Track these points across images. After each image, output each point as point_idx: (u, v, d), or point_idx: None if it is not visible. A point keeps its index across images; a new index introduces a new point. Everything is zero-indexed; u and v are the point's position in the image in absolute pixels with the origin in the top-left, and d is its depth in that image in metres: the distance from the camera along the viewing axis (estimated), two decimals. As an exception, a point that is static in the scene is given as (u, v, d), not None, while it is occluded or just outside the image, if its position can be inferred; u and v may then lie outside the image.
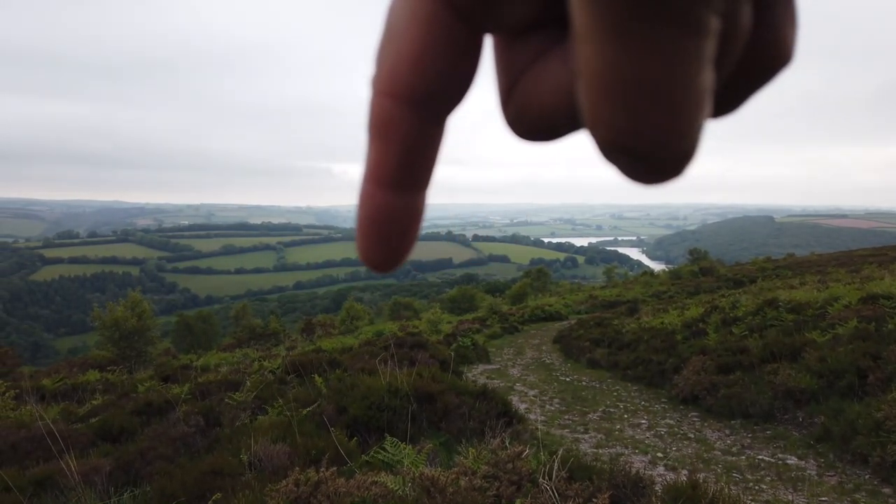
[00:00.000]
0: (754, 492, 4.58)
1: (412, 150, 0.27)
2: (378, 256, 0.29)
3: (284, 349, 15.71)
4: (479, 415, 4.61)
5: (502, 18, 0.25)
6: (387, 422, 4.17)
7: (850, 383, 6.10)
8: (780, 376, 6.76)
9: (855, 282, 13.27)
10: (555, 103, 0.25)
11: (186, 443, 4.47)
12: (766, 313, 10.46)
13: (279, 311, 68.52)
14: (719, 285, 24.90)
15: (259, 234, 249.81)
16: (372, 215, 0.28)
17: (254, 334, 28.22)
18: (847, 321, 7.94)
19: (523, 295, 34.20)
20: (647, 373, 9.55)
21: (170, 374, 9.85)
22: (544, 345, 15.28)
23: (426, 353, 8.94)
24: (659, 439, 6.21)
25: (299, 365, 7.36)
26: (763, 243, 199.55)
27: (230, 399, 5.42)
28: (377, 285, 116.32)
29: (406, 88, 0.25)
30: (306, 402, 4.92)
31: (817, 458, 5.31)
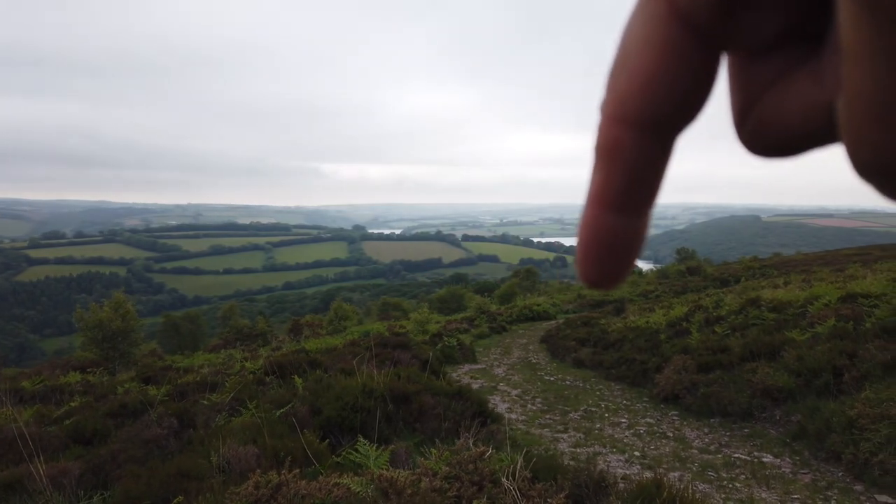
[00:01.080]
0: (728, 490, 4.60)
1: (638, 174, 0.27)
2: (600, 276, 0.29)
3: (269, 350, 15.64)
4: (455, 415, 4.60)
5: (743, 38, 0.24)
6: (360, 423, 4.15)
7: (827, 382, 6.15)
8: (759, 375, 6.81)
9: (838, 281, 13.38)
10: (803, 123, 0.24)
11: (159, 445, 4.43)
12: (748, 312, 10.53)
13: (268, 311, 68.27)
14: (706, 285, 25.03)
15: (248, 235, 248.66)
16: (595, 237, 0.28)
17: (241, 335, 28.09)
18: (826, 320, 8.00)
19: (512, 295, 34.20)
20: (630, 372, 9.58)
21: (151, 376, 9.76)
22: (531, 344, 15.30)
23: (409, 353, 8.92)
24: (638, 438, 6.23)
25: (280, 365, 7.32)
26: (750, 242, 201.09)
27: (206, 400, 5.38)
28: (366, 285, 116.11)
29: (636, 114, 0.25)
30: (283, 402, 4.89)
31: (792, 456, 5.34)
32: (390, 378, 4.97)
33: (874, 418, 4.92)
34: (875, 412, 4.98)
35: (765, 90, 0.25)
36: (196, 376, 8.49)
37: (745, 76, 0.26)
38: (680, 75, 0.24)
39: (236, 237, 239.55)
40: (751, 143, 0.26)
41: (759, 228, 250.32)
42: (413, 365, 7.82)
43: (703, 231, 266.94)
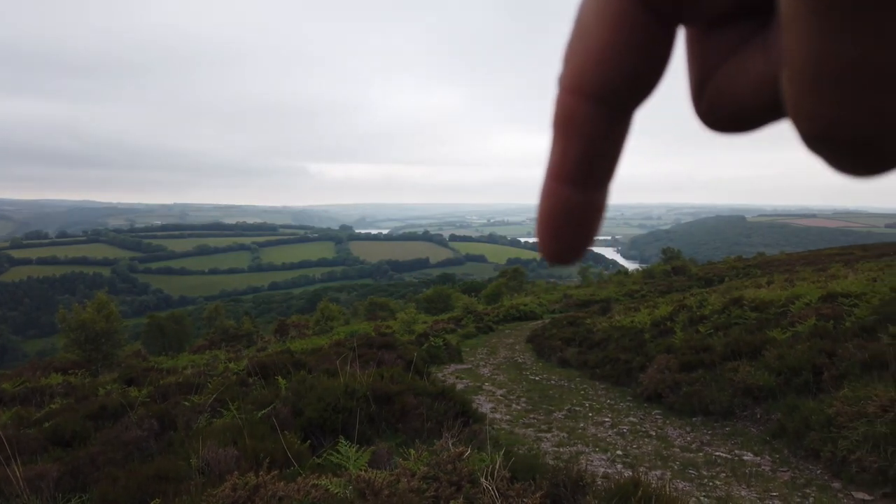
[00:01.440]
0: (708, 488, 4.65)
1: (596, 147, 0.27)
2: (558, 250, 0.29)
3: (254, 350, 15.56)
4: (437, 415, 4.60)
5: (697, 11, 0.25)
6: (343, 423, 4.14)
7: (806, 380, 6.22)
8: (740, 374, 6.87)
9: (820, 281, 13.54)
10: (754, 96, 0.24)
11: (139, 447, 4.39)
12: (731, 312, 10.62)
13: (254, 311, 67.86)
14: (691, 284, 25.23)
15: (234, 235, 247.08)
16: (554, 211, 0.28)
17: (226, 335, 27.91)
18: (807, 319, 8.09)
19: (498, 294, 34.24)
20: (614, 371, 9.63)
21: (134, 377, 9.68)
22: (517, 344, 15.34)
23: (394, 353, 8.91)
24: (621, 437, 6.27)
25: (264, 366, 7.28)
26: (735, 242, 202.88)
27: (188, 402, 5.34)
28: (353, 286, 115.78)
29: (592, 86, 0.25)
30: (265, 404, 4.87)
31: (772, 454, 5.40)
32: (373, 378, 4.96)
33: (852, 416, 4.99)
34: (853, 410, 5.04)
35: (720, 64, 0.26)
36: (179, 377, 8.42)
37: (701, 50, 0.27)
38: (635, 49, 0.25)
39: (222, 237, 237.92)
40: (706, 117, 0.26)
41: (744, 229, 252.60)
42: (397, 365, 7.81)
43: (689, 231, 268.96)
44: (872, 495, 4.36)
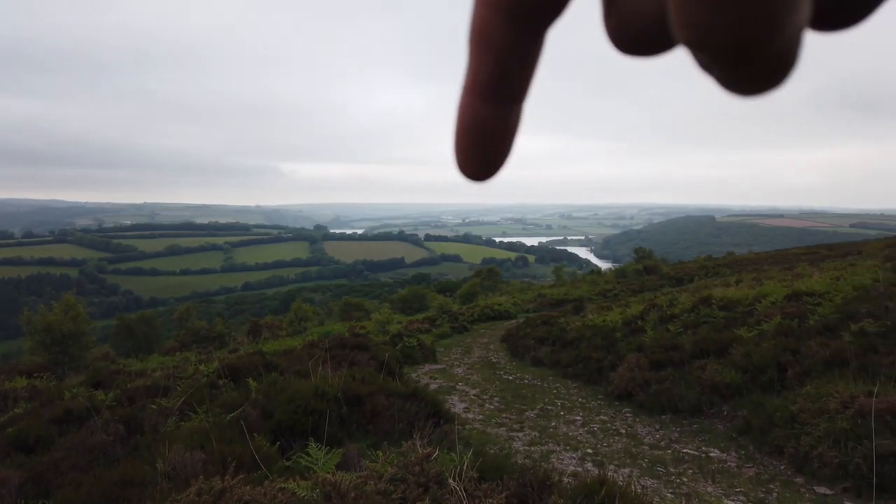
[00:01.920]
0: (675, 485, 4.72)
1: (510, 61, 0.27)
2: (473, 167, 0.30)
3: (226, 352, 15.37)
4: (409, 416, 4.60)
5: None
6: (313, 426, 4.12)
7: (771, 378, 6.36)
8: (708, 372, 6.99)
9: (786, 279, 13.83)
10: (654, 17, 0.25)
11: (105, 452, 4.31)
12: (700, 311, 10.80)
13: (226, 312, 66.97)
14: (662, 283, 25.56)
15: (206, 234, 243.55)
16: (468, 125, 0.29)
17: (198, 337, 27.52)
18: (772, 318, 8.27)
19: (473, 294, 34.31)
20: (586, 370, 9.72)
21: (101, 380, 9.49)
22: (492, 344, 15.39)
23: (367, 354, 8.88)
24: (591, 435, 6.34)
25: (234, 368, 7.20)
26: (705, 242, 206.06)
27: (155, 405, 5.26)
28: (328, 286, 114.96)
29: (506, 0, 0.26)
30: (235, 406, 4.82)
31: (738, 451, 5.51)
32: (345, 380, 4.94)
33: (814, 413, 5.12)
34: (815, 407, 5.17)
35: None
36: (147, 380, 8.29)
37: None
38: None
39: (194, 237, 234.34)
40: (614, 38, 0.27)
41: (714, 228, 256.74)
42: (370, 366, 7.79)
43: (660, 231, 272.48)
44: (833, 489, 4.48)
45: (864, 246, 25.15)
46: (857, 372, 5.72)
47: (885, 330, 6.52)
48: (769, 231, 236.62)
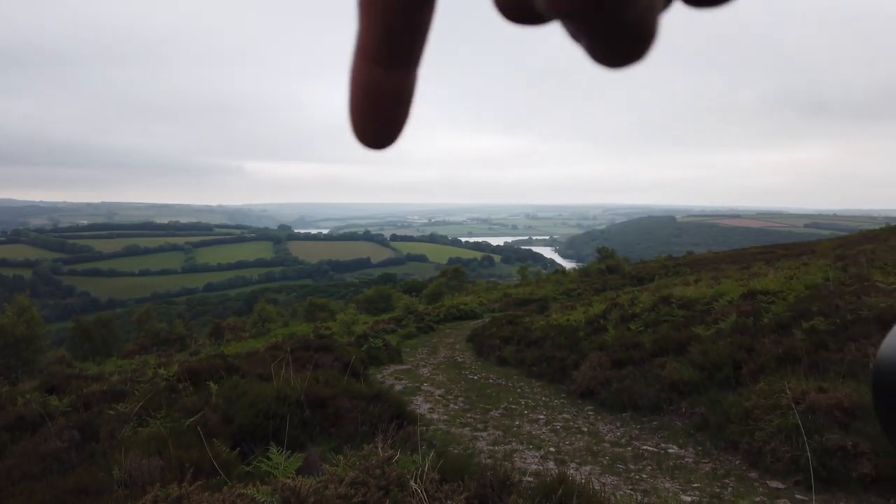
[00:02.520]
0: (635, 481, 4.82)
1: (399, 24, 0.27)
2: (370, 133, 0.29)
3: (187, 355, 15.08)
4: (372, 418, 4.60)
5: None
6: (275, 429, 4.08)
7: (727, 375, 6.54)
8: (667, 370, 7.15)
9: (743, 278, 14.20)
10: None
11: (59, 459, 4.20)
12: (660, 310, 11.02)
13: (187, 314, 65.69)
14: (624, 283, 25.99)
15: (166, 234, 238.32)
16: (363, 90, 0.28)
17: (158, 339, 26.95)
18: (729, 316, 8.48)
19: (439, 294, 34.37)
20: (550, 369, 9.83)
21: (56, 385, 9.22)
22: (458, 344, 15.43)
23: (331, 355, 8.83)
24: (554, 434, 6.41)
25: (195, 371, 7.08)
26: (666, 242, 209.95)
27: (112, 410, 5.14)
28: (292, 286, 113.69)
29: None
30: (194, 411, 4.74)
31: (695, 447, 5.65)
32: (308, 382, 4.91)
33: (767, 409, 5.27)
34: (768, 403, 5.33)
35: None
36: (104, 385, 8.09)
37: None
38: None
39: (154, 237, 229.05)
40: (499, 4, 0.27)
41: (674, 228, 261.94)
42: (335, 367, 7.74)
43: (623, 231, 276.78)
44: (785, 483, 4.62)
45: (817, 246, 25.99)
46: (809, 369, 5.92)
47: (834, 328, 6.76)
48: (728, 231, 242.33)
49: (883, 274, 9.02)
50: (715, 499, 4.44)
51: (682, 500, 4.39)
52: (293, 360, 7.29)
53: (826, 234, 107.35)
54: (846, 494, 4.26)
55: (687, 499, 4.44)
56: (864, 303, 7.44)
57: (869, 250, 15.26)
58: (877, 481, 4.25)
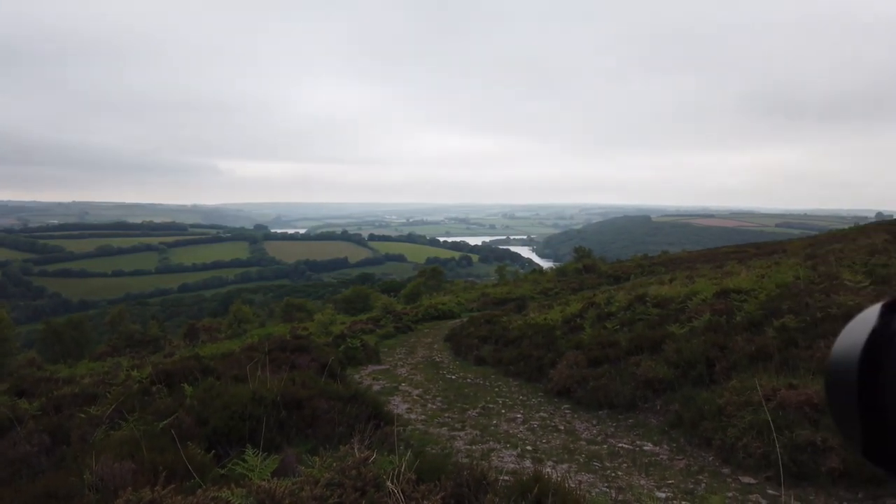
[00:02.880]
0: (610, 479, 4.87)
1: None
2: None
3: (161, 356, 14.88)
4: (349, 419, 4.58)
5: None
6: (250, 431, 4.04)
7: (701, 373, 6.64)
8: (642, 368, 7.23)
9: (716, 277, 14.41)
10: None
11: (29, 464, 4.11)
12: (635, 308, 11.14)
13: (162, 315, 64.71)
14: (600, 282, 26.21)
15: (139, 234, 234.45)
16: None
17: (131, 341, 26.52)
18: (702, 314, 8.61)
19: (417, 294, 34.33)
20: (527, 368, 9.88)
21: (25, 388, 9.03)
22: (436, 343, 15.43)
23: (308, 356, 8.77)
24: (531, 433, 6.45)
25: (169, 373, 6.98)
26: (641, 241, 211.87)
27: (84, 413, 5.05)
28: (269, 286, 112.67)
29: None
30: (168, 413, 4.67)
31: (670, 444, 5.72)
32: (284, 383, 4.87)
33: (739, 406, 5.37)
34: (740, 400, 5.43)
35: None
36: (76, 387, 7.94)
37: None
38: None
39: (127, 237, 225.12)
40: None
41: (650, 228, 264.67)
42: (312, 368, 7.69)
43: (599, 230, 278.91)
44: (757, 478, 4.71)
45: (787, 244, 26.47)
46: (780, 366, 6.03)
47: (804, 325, 6.90)
48: (701, 230, 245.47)
49: (851, 272, 9.22)
50: (688, 495, 4.50)
51: (656, 497, 4.45)
52: (269, 361, 7.23)
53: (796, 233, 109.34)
54: (816, 489, 4.36)
55: (661, 495, 4.50)
56: (833, 301, 7.60)
57: (838, 249, 15.59)
58: (845, 475, 4.35)
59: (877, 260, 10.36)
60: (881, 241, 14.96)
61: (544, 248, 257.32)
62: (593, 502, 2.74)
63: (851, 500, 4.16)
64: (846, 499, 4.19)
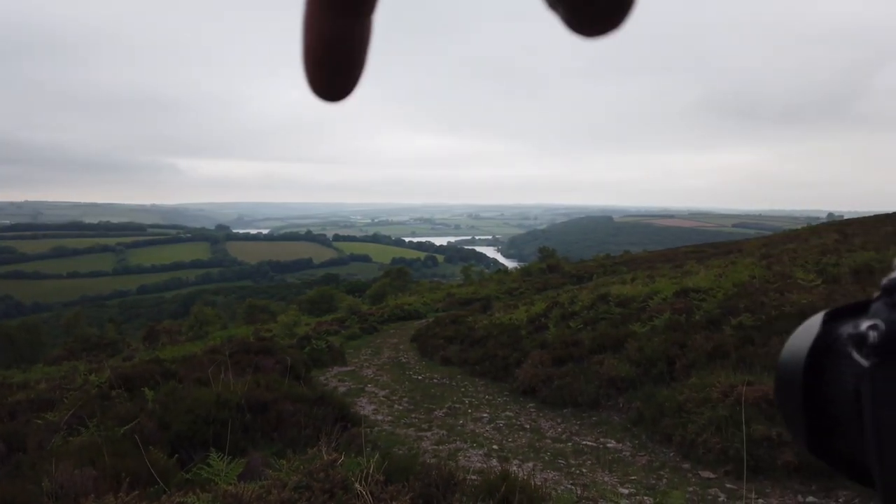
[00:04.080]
0: (575, 476, 4.96)
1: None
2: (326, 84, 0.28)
3: (120, 360, 14.53)
4: (316, 421, 4.56)
5: None
6: (215, 435, 3.99)
7: (662, 370, 6.79)
8: (605, 366, 7.36)
9: (676, 277, 14.74)
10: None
11: (-19, 473, 3.98)
12: (598, 308, 11.32)
13: (120, 317, 63.09)
14: (564, 282, 26.51)
15: (96, 235, 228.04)
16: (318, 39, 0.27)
17: (88, 344, 25.80)
18: (663, 313, 8.80)
19: (383, 294, 34.21)
20: (493, 368, 9.94)
21: (-24, 395, 8.72)
22: (402, 344, 15.40)
23: (273, 358, 8.68)
24: (497, 432, 6.51)
25: (129, 377, 6.83)
26: (604, 241, 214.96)
27: (40, 419, 4.91)
28: (231, 288, 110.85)
29: None
30: (129, 418, 4.58)
31: (632, 440, 5.84)
32: (249, 386, 4.82)
33: (699, 402, 5.51)
34: (699, 397, 5.57)
35: None
36: (31, 393, 7.70)
37: None
38: None
39: (83, 237, 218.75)
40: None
41: (612, 228, 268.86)
42: (276, 370, 7.62)
43: (563, 231, 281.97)
44: (716, 473, 4.85)
45: (744, 244, 27.21)
46: (737, 363, 6.22)
47: (760, 323, 7.12)
48: (661, 231, 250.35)
49: (804, 272, 9.54)
50: (651, 490, 4.61)
51: (619, 493, 4.54)
52: (233, 363, 7.14)
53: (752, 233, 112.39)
54: (772, 482, 4.51)
55: (624, 491, 4.60)
56: (787, 299, 7.86)
57: (791, 249, 16.10)
58: (800, 469, 4.51)
59: (828, 259, 10.74)
60: (832, 241, 15.51)
61: (509, 248, 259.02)
62: (559, 499, 2.79)
63: (805, 493, 4.32)
64: (800, 491, 4.35)
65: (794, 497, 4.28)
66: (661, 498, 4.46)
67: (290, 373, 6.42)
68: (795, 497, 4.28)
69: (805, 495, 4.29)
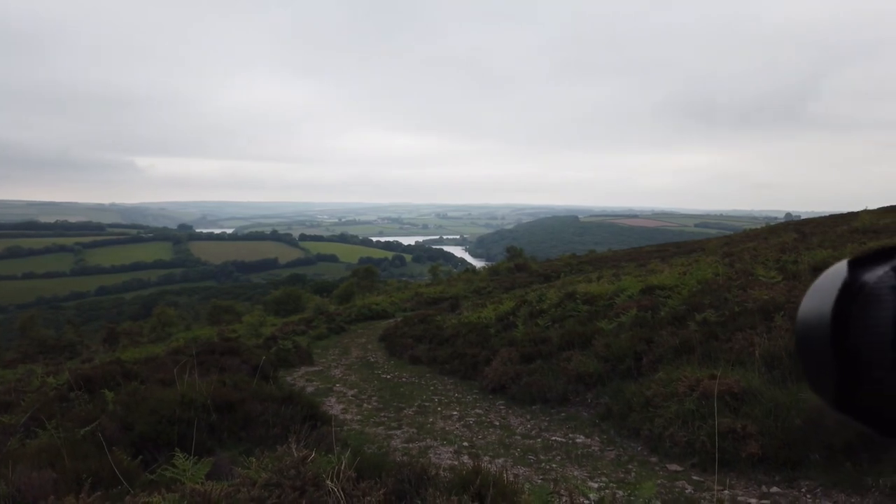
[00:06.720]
0: (545, 471, 4.98)
1: None
2: None
3: (79, 362, 14.13)
4: (284, 420, 4.49)
5: None
6: (180, 436, 3.89)
7: (629, 366, 6.88)
8: (573, 363, 7.43)
9: (641, 275, 14.96)
10: None
11: (-68, 479, 3.81)
12: (566, 305, 11.42)
13: (78, 319, 61.35)
14: (532, 280, 26.71)
15: (53, 235, 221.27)
16: None
17: (44, 347, 25.07)
18: (629, 310, 8.92)
19: (350, 294, 33.96)
20: (462, 366, 9.95)
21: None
22: (370, 343, 15.31)
23: (238, 358, 8.53)
24: (467, 429, 6.51)
25: (88, 379, 6.63)
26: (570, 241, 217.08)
27: (-5, 423, 4.72)
28: (195, 288, 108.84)
29: None
30: (90, 420, 4.44)
31: (601, 435, 5.90)
32: (214, 386, 4.72)
33: (665, 397, 5.60)
34: (666, 391, 5.66)
35: None
36: (-16, 397, 7.42)
37: None
38: None
39: (38, 237, 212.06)
40: None
41: (577, 228, 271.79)
42: (243, 371, 7.49)
43: (530, 230, 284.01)
44: (683, 466, 4.92)
45: (706, 243, 27.77)
46: (702, 358, 6.33)
47: (724, 319, 7.26)
48: (626, 230, 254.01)
49: (764, 269, 9.77)
50: (620, 483, 4.66)
51: (589, 487, 4.58)
52: (198, 364, 6.99)
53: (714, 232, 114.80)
54: (737, 474, 4.60)
55: (594, 485, 4.64)
56: (749, 295, 8.03)
57: (752, 248, 16.50)
58: (763, 460, 4.61)
59: (787, 257, 11.02)
60: (791, 240, 15.94)
61: (477, 247, 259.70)
62: (532, 492, 2.80)
63: (769, 483, 4.42)
64: (764, 482, 4.45)
65: (759, 488, 4.37)
66: (633, 490, 4.52)
67: (258, 373, 6.31)
68: (759, 488, 4.37)
69: (769, 486, 4.38)
